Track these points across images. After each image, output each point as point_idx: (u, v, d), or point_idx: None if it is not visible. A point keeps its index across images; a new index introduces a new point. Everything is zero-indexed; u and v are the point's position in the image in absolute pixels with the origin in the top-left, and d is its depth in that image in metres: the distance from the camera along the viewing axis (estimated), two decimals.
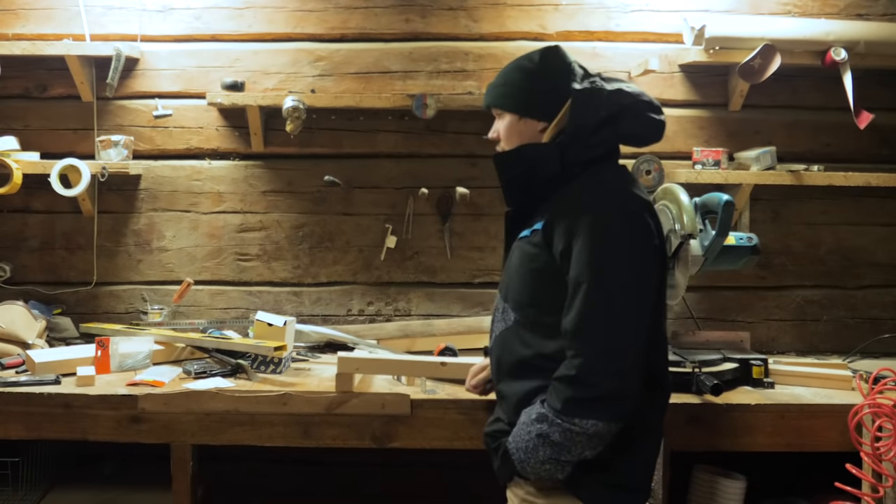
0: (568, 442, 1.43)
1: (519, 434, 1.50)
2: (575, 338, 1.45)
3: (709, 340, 2.49)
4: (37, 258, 2.88)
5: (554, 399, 1.45)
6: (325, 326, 2.73)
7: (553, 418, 1.44)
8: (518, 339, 1.59)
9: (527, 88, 1.64)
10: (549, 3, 2.84)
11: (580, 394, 1.42)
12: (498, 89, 1.68)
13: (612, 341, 1.44)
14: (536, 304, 1.57)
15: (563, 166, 1.58)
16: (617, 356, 1.43)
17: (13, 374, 2.27)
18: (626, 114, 1.58)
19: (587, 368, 1.42)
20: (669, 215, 2.26)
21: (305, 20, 2.85)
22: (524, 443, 1.48)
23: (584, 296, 1.44)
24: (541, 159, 1.60)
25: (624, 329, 1.45)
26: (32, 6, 2.84)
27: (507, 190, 1.68)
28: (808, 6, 2.84)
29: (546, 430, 1.45)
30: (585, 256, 1.46)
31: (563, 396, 1.43)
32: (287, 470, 2.85)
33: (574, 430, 1.42)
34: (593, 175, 1.58)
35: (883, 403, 1.97)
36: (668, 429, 2.02)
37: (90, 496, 2.50)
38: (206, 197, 2.88)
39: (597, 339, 1.44)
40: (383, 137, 2.86)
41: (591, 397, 1.42)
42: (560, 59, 1.64)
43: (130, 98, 2.86)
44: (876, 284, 2.92)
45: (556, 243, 1.52)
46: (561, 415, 1.43)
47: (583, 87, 1.59)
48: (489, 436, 1.66)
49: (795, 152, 2.85)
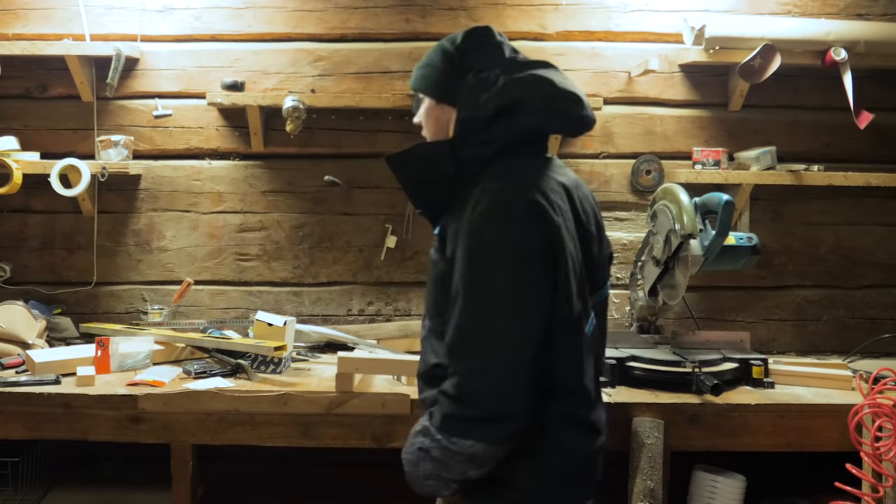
0: (448, 460, 1.34)
1: (408, 444, 1.42)
2: (450, 354, 1.35)
3: (709, 340, 2.49)
4: (37, 258, 2.88)
5: (436, 414, 1.35)
6: (325, 326, 2.73)
7: (434, 433, 1.35)
8: (430, 346, 1.50)
9: (444, 71, 1.51)
10: (549, 3, 2.84)
11: (459, 412, 1.32)
12: (420, 70, 1.56)
13: (487, 358, 1.30)
14: (440, 313, 1.44)
15: (457, 166, 1.46)
16: (492, 374, 1.30)
17: (13, 374, 2.26)
18: (522, 107, 1.43)
19: (463, 387, 1.31)
20: (669, 215, 2.26)
21: (305, 20, 2.85)
22: (411, 454, 1.40)
23: (459, 308, 1.33)
24: (434, 159, 1.49)
25: (499, 344, 1.30)
26: (32, 6, 2.84)
27: (408, 193, 1.56)
28: (808, 6, 2.84)
29: (427, 445, 1.36)
30: (461, 265, 1.35)
31: (442, 412, 1.34)
32: (287, 470, 2.84)
33: (452, 450, 1.32)
34: (491, 175, 1.43)
35: (883, 403, 1.97)
36: (668, 429, 2.04)
37: (90, 496, 2.50)
38: (206, 197, 2.88)
39: (471, 356, 1.32)
40: (383, 137, 2.86)
41: (469, 417, 1.31)
42: (484, 42, 1.50)
43: (130, 98, 2.86)
44: (876, 284, 2.92)
45: (449, 247, 1.42)
46: (440, 431, 1.33)
47: (472, 78, 1.47)
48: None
49: (795, 152, 2.85)
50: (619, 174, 2.87)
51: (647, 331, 2.45)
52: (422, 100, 1.57)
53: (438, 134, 1.55)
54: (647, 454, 2.00)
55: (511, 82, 1.45)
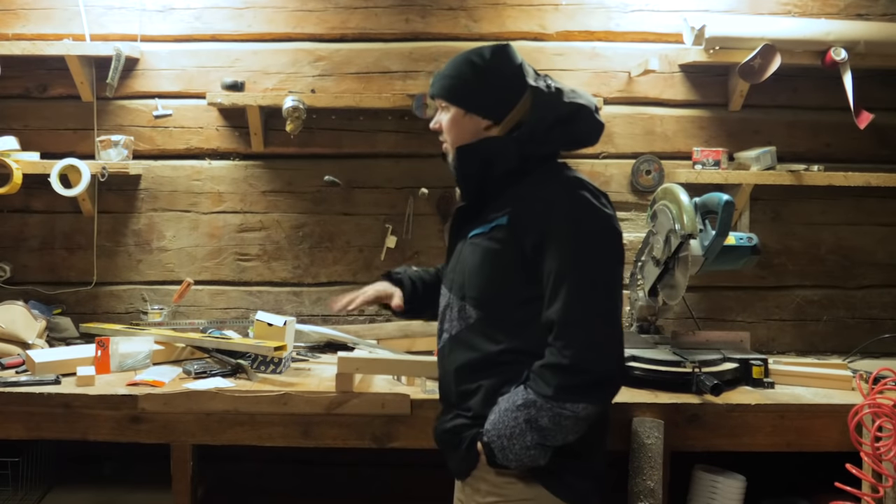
0: (555, 426, 1.47)
1: (502, 421, 1.50)
2: (565, 327, 1.48)
3: (709, 340, 2.49)
4: (37, 258, 2.88)
5: (542, 386, 1.47)
6: (325, 326, 2.73)
7: (542, 403, 1.47)
8: (483, 336, 1.59)
9: (476, 85, 1.63)
10: (549, 3, 2.84)
11: (572, 381, 1.46)
12: (447, 81, 1.66)
13: (601, 329, 1.49)
14: (503, 300, 1.58)
15: (520, 161, 1.60)
16: (606, 343, 1.49)
17: (13, 374, 2.26)
18: (579, 115, 1.61)
19: (579, 356, 1.46)
20: (669, 215, 2.26)
21: (305, 20, 2.85)
22: (508, 429, 1.49)
23: (571, 287, 1.48)
24: (500, 153, 1.61)
25: (609, 316, 1.51)
26: (32, 6, 2.84)
27: (463, 185, 1.68)
28: (808, 6, 2.84)
29: (534, 415, 1.47)
30: (567, 249, 1.50)
31: (553, 383, 1.46)
32: (287, 470, 2.84)
33: (564, 415, 1.46)
34: (550, 171, 1.62)
35: (883, 403, 1.97)
36: (668, 429, 2.03)
37: (90, 496, 2.50)
38: (206, 197, 2.88)
39: (587, 328, 1.48)
40: (383, 137, 2.86)
41: (583, 383, 1.46)
42: (511, 59, 1.63)
43: (130, 98, 2.86)
44: (876, 284, 2.92)
45: (526, 238, 1.53)
46: (551, 400, 1.46)
47: (543, 84, 1.61)
48: (448, 432, 1.64)
49: (795, 152, 2.85)
50: (619, 174, 2.87)
51: (647, 331, 2.45)
52: (445, 108, 1.66)
53: (462, 140, 1.65)
54: (647, 454, 2.00)
55: (572, 93, 1.61)
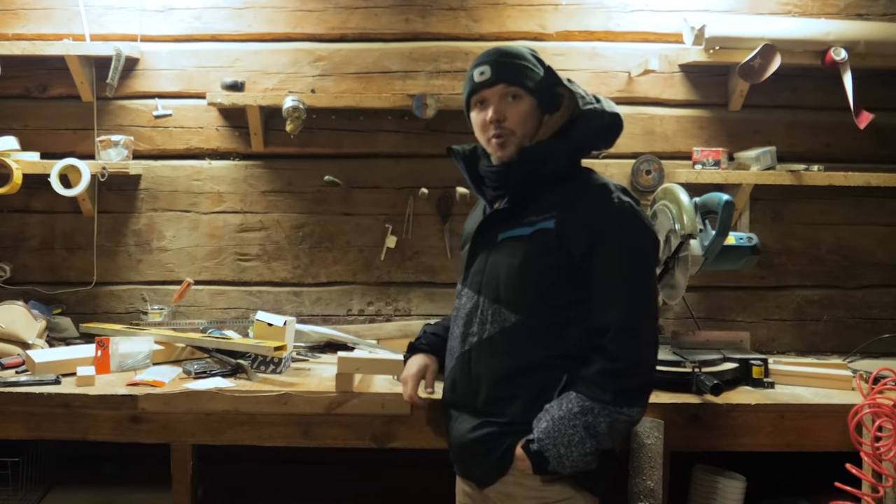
0: (611, 431, 1.50)
1: (558, 430, 1.50)
2: (621, 333, 1.50)
3: (709, 340, 2.49)
4: (37, 258, 2.88)
5: (599, 392, 1.49)
6: (325, 326, 2.73)
7: (601, 409, 1.49)
8: (522, 340, 1.58)
9: (542, 77, 1.62)
10: (549, 3, 2.84)
11: (631, 385, 1.51)
12: (521, 66, 1.61)
13: (651, 336, 1.55)
14: (547, 304, 1.57)
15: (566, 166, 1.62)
16: (654, 349, 1.57)
17: (13, 374, 2.26)
18: (616, 125, 1.65)
19: (638, 360, 1.51)
20: (669, 215, 2.26)
21: (305, 20, 2.85)
22: (566, 437, 1.49)
23: (626, 294, 1.52)
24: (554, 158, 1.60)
25: (655, 323, 1.59)
26: (32, 6, 2.84)
27: (514, 187, 1.63)
28: (808, 6, 2.84)
29: (592, 422, 1.49)
30: (620, 257, 1.53)
31: (612, 389, 1.49)
32: (287, 470, 2.85)
33: (622, 419, 1.50)
34: (589, 176, 1.64)
35: (883, 403, 1.97)
36: (668, 429, 2.03)
37: (90, 496, 2.50)
38: (206, 197, 2.88)
39: (644, 334, 1.53)
40: (383, 137, 2.86)
41: (639, 387, 1.53)
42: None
43: (130, 98, 2.86)
44: (876, 284, 2.92)
45: (574, 243, 1.54)
46: (609, 406, 1.49)
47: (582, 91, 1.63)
48: (477, 441, 1.62)
49: (795, 152, 2.85)
50: (619, 174, 2.87)
51: None
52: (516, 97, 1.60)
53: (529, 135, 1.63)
54: (647, 454, 2.00)
55: (605, 100, 1.65)
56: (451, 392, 1.71)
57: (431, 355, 1.87)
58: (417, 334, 1.95)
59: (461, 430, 1.66)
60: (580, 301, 1.55)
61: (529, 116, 1.61)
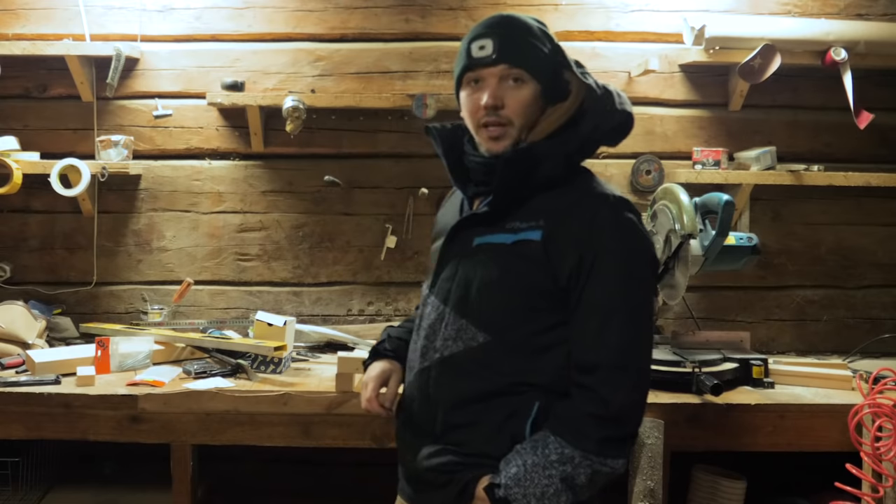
0: (590, 483, 1.29)
1: (530, 478, 1.27)
2: (613, 373, 1.28)
3: (709, 340, 2.49)
4: (37, 258, 2.88)
5: (581, 438, 1.28)
6: (325, 326, 2.73)
7: (581, 459, 1.27)
8: (490, 363, 1.35)
9: (551, 60, 1.35)
10: (549, 3, 2.84)
11: (617, 433, 1.29)
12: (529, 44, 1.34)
13: (644, 378, 1.33)
14: (522, 325, 1.34)
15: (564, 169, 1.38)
16: (643, 390, 1.33)
17: (13, 374, 2.26)
18: (626, 125, 1.42)
19: (625, 405, 1.29)
20: (669, 215, 2.26)
21: (305, 20, 2.85)
22: (539, 488, 1.27)
23: (618, 329, 1.28)
24: (551, 162, 1.36)
25: (648, 359, 1.34)
26: (32, 6, 2.84)
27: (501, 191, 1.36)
28: (808, 6, 2.84)
29: (571, 473, 1.27)
30: (618, 281, 1.29)
31: (598, 436, 1.27)
32: (287, 470, 2.85)
33: (603, 471, 1.28)
34: (586, 182, 1.39)
35: (883, 403, 1.97)
36: (668, 429, 2.03)
37: (90, 496, 2.50)
38: (206, 197, 2.88)
39: (632, 376, 1.30)
40: (383, 137, 2.86)
41: (626, 435, 1.31)
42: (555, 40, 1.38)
43: (130, 98, 2.86)
44: (876, 284, 2.92)
45: (562, 261, 1.30)
46: (592, 455, 1.27)
47: (592, 82, 1.37)
48: (435, 470, 1.38)
49: (796, 152, 2.85)
50: (618, 174, 2.87)
51: None
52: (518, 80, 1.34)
53: (528, 127, 1.38)
54: (647, 454, 2.00)
55: (619, 95, 1.40)
56: (408, 410, 1.48)
57: (396, 362, 1.60)
58: (381, 337, 1.67)
59: (417, 455, 1.42)
60: (562, 324, 1.32)
61: (532, 105, 1.35)
